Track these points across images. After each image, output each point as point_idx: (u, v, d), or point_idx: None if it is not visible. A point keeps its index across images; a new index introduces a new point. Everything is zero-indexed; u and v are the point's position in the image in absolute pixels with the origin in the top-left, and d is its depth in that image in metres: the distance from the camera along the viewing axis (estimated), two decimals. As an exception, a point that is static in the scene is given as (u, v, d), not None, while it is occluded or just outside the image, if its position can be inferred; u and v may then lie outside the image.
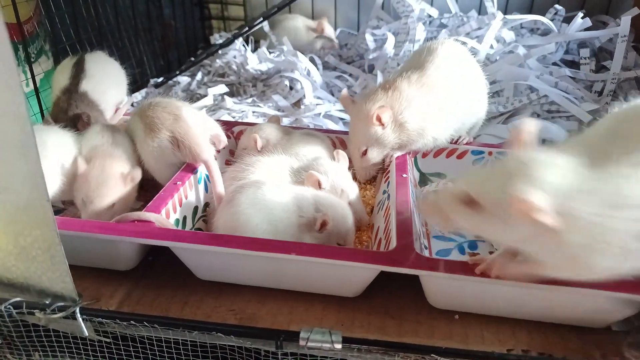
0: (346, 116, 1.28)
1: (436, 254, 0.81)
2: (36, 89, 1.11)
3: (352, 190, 0.82)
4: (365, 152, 0.88)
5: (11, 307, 0.62)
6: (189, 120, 0.86)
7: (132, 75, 1.21)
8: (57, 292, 0.62)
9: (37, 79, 1.31)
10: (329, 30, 1.79)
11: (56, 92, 1.04)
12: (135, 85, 1.36)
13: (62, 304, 0.61)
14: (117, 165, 0.81)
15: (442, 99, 0.88)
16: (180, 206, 0.76)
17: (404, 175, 0.82)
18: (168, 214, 0.72)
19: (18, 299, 0.62)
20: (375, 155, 0.89)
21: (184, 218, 0.77)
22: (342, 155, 0.86)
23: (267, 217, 0.69)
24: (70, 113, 1.00)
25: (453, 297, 0.65)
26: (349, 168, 0.87)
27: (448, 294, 0.65)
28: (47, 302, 0.62)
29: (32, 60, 1.36)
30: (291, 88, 1.42)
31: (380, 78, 1.33)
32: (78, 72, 1.05)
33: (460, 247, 0.84)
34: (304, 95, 1.35)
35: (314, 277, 0.66)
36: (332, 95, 1.40)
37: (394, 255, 0.62)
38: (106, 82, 1.08)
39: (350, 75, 1.48)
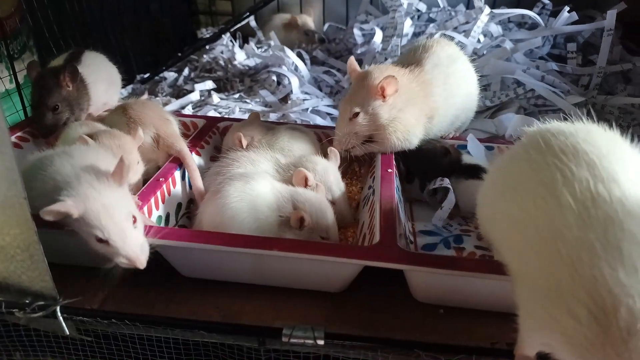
0: (334, 111, 1.27)
1: (422, 249, 0.81)
2: (18, 86, 1.10)
3: (339, 188, 0.82)
4: (356, 115, 0.85)
5: (-11, 308, 0.61)
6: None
7: (119, 70, 1.19)
8: (37, 291, 0.61)
9: (21, 75, 1.29)
10: (309, 24, 1.78)
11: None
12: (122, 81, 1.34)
13: (42, 303, 0.61)
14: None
15: (438, 99, 0.88)
16: (164, 203, 0.76)
17: (389, 170, 0.82)
18: (151, 210, 0.72)
19: (-4, 298, 0.61)
20: (363, 124, 0.85)
21: (167, 215, 0.76)
22: (334, 153, 0.86)
23: (254, 213, 0.68)
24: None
25: (437, 292, 0.65)
26: (339, 166, 0.87)
27: (432, 288, 0.65)
28: (27, 302, 0.61)
29: (16, 56, 1.34)
30: (279, 83, 1.41)
31: (367, 73, 1.33)
32: (73, 59, 1.03)
33: (445, 242, 0.85)
34: (292, 91, 1.35)
35: (298, 273, 0.66)
36: (320, 90, 1.39)
37: (377, 250, 0.62)
38: (99, 76, 1.06)
39: (339, 70, 1.48)
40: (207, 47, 1.65)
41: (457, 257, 0.64)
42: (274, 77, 1.42)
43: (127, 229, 0.58)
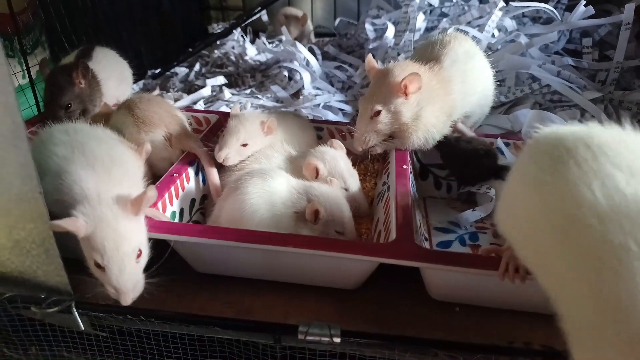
0: (346, 107, 1.26)
1: (437, 246, 0.80)
2: (31, 80, 1.10)
3: (351, 175, 0.81)
4: (377, 114, 0.83)
5: (6, 302, 0.61)
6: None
7: (130, 66, 1.19)
8: (52, 286, 0.61)
9: (33, 70, 1.29)
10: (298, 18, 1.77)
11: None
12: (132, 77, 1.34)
13: (57, 298, 0.61)
14: None
15: (457, 96, 0.87)
16: (177, 198, 0.75)
17: (404, 167, 0.81)
18: (165, 206, 0.71)
19: (13, 293, 0.61)
20: (385, 123, 0.83)
21: (181, 210, 0.76)
22: (337, 143, 0.85)
23: (272, 209, 0.68)
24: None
25: (454, 290, 0.64)
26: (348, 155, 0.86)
27: (449, 286, 0.64)
28: (43, 296, 0.61)
29: (28, 51, 1.35)
30: (290, 79, 1.40)
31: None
32: (84, 55, 1.03)
33: (461, 239, 0.84)
34: (303, 86, 1.34)
35: (312, 269, 0.65)
36: (332, 85, 1.38)
37: (393, 247, 0.61)
38: (111, 71, 1.06)
39: (350, 65, 1.47)
40: (218, 42, 1.64)
41: (475, 255, 0.63)
42: (286, 73, 1.41)
43: (128, 263, 0.56)
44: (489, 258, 0.61)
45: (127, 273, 0.56)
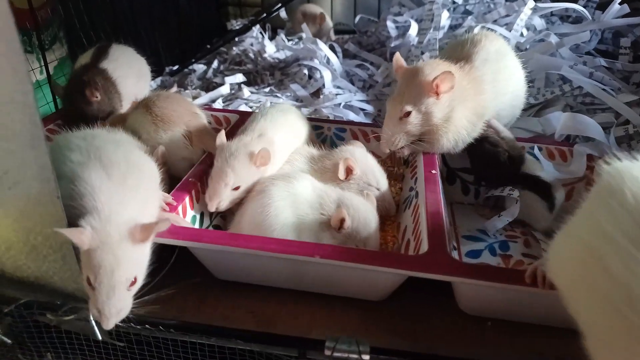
0: (367, 107, 1.23)
1: (466, 255, 0.77)
2: (49, 77, 1.08)
3: (382, 174, 0.79)
4: (407, 115, 0.79)
5: (22, 308, 0.59)
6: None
7: (147, 62, 1.17)
8: (69, 293, 0.59)
9: (51, 66, 1.28)
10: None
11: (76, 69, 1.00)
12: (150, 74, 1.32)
13: (74, 305, 0.58)
14: None
15: (488, 96, 0.83)
16: (198, 202, 0.73)
17: (433, 172, 0.77)
18: (185, 210, 0.69)
19: (29, 299, 0.59)
20: (414, 124, 0.79)
21: (202, 214, 0.73)
22: (358, 144, 0.83)
23: (296, 211, 0.66)
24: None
25: (488, 304, 0.61)
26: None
27: (482, 300, 0.60)
28: (59, 303, 0.59)
29: (46, 47, 1.33)
30: (310, 77, 1.37)
31: (403, 67, 1.28)
32: (100, 53, 1.01)
33: (490, 248, 0.80)
34: (324, 85, 1.31)
35: (338, 280, 0.62)
36: (352, 84, 1.35)
37: (426, 259, 0.58)
38: (128, 69, 1.04)
39: (372, 63, 1.43)
40: (236, 39, 1.61)
41: (513, 270, 0.59)
42: (305, 71, 1.38)
43: (119, 290, 0.53)
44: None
45: (114, 300, 0.53)
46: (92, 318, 0.58)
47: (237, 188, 0.70)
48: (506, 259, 0.77)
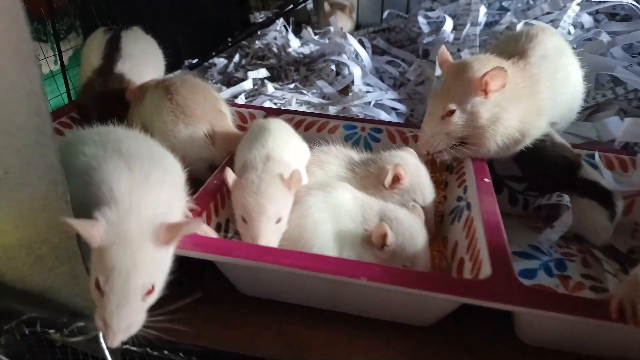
0: (399, 106, 1.14)
1: (519, 275, 0.67)
2: (63, 67, 1.01)
3: (431, 192, 0.70)
4: (450, 113, 0.71)
5: (23, 325, 0.52)
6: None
7: (166, 55, 1.10)
8: (77, 310, 0.52)
9: (66, 56, 1.22)
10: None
11: (87, 72, 0.93)
12: (168, 67, 1.25)
13: (82, 324, 0.51)
14: None
15: (545, 96, 0.74)
16: (223, 208, 0.65)
17: (486, 180, 0.69)
18: (209, 217, 0.61)
19: (32, 315, 0.52)
20: (459, 125, 0.71)
21: (227, 221, 0.65)
22: (410, 151, 0.73)
23: (336, 224, 0.58)
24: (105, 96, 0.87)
25: (557, 336, 0.53)
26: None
27: (552, 332, 0.52)
28: (66, 321, 0.52)
29: (62, 36, 1.27)
30: (337, 73, 1.29)
31: (438, 65, 1.19)
32: (112, 51, 0.93)
33: (546, 267, 0.71)
34: (352, 81, 1.22)
35: (383, 303, 0.55)
36: (382, 82, 1.26)
37: (492, 286, 0.49)
38: (144, 63, 0.97)
39: (403, 60, 1.34)
40: (259, 32, 1.54)
41: (595, 300, 0.51)
42: (333, 67, 1.30)
43: (132, 299, 0.44)
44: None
45: (125, 310, 0.44)
46: (100, 338, 0.50)
47: (279, 220, 0.58)
48: (564, 281, 0.68)
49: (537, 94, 0.74)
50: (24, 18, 0.38)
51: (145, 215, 0.46)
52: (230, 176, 0.60)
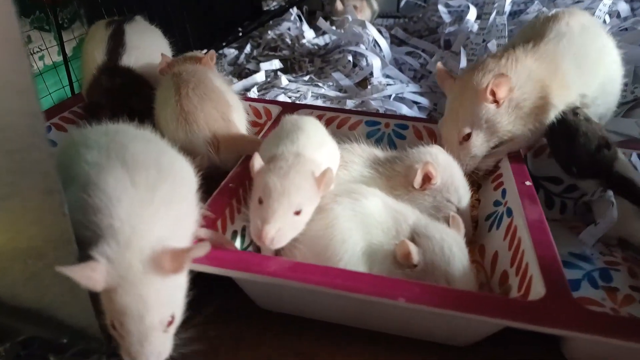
0: (422, 100, 1.08)
1: (563, 288, 0.62)
2: (65, 58, 0.95)
3: (467, 192, 0.63)
4: (467, 137, 0.68)
5: (19, 346, 0.47)
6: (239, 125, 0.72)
7: (174, 45, 1.04)
8: (78, 329, 0.46)
9: (70, 46, 1.16)
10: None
11: (90, 69, 0.87)
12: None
13: (85, 346, 0.46)
14: None
15: (566, 71, 0.69)
16: (240, 213, 0.59)
17: (527, 183, 0.62)
18: (225, 225, 0.55)
19: (29, 335, 0.47)
20: (479, 144, 0.68)
21: (243, 229, 0.59)
22: (439, 148, 0.67)
23: (365, 236, 0.51)
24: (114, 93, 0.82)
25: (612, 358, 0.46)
26: None
27: (607, 354, 0.46)
28: (66, 342, 0.46)
29: (65, 26, 1.21)
30: (355, 65, 1.22)
31: (463, 56, 1.12)
32: (116, 46, 0.88)
33: (590, 278, 0.65)
34: (371, 73, 1.16)
35: (418, 323, 0.49)
36: (402, 73, 1.19)
37: (547, 308, 0.43)
38: (149, 55, 0.91)
39: (423, 51, 1.27)
40: (271, 22, 1.47)
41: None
42: (350, 58, 1.23)
43: (154, 336, 0.40)
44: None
45: (150, 347, 0.40)
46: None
47: (298, 213, 0.51)
48: (611, 293, 0.62)
49: (557, 71, 0.69)
50: (11, 5, 0.32)
51: (148, 244, 0.41)
52: (257, 161, 0.53)
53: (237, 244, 0.57)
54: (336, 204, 0.52)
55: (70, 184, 0.45)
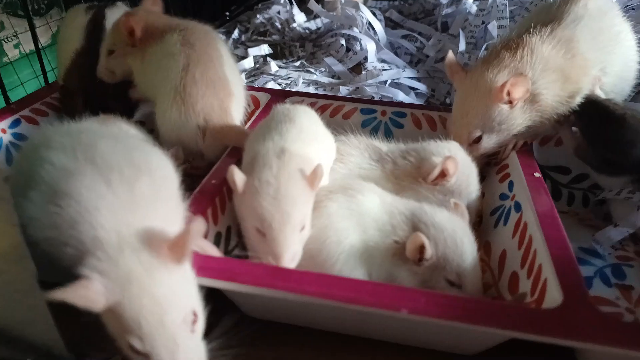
0: (419, 85, 1.02)
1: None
2: (37, 45, 0.89)
3: (477, 191, 0.59)
4: (478, 140, 0.64)
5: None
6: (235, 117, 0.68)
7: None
8: (43, 349, 0.41)
9: (47, 34, 1.10)
10: None
11: (68, 54, 0.81)
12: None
13: (50, 367, 0.41)
14: None
15: (584, 57, 0.64)
16: (224, 213, 0.54)
17: (537, 175, 0.58)
18: (206, 229, 0.50)
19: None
20: (490, 145, 0.64)
21: (228, 230, 0.54)
22: (455, 144, 0.62)
23: (362, 236, 0.47)
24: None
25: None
26: None
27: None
28: (31, 362, 0.42)
29: (42, 12, 1.15)
30: (348, 49, 1.16)
31: (462, 38, 1.07)
32: (96, 31, 0.82)
33: (602, 275, 0.61)
34: (365, 58, 1.10)
35: (423, 333, 0.44)
36: (398, 57, 1.14)
37: (566, 318, 0.38)
38: None
39: (420, 34, 1.21)
40: (260, 5, 1.41)
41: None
42: (342, 42, 1.17)
43: (181, 338, 0.35)
44: None
45: (182, 352, 0.35)
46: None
47: (303, 227, 0.46)
48: (626, 291, 0.58)
49: (576, 58, 0.64)
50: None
51: (141, 242, 0.36)
52: (238, 177, 0.48)
53: (221, 247, 0.52)
54: (331, 201, 0.47)
55: (30, 188, 0.39)
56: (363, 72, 1.05)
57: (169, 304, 0.35)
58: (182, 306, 0.36)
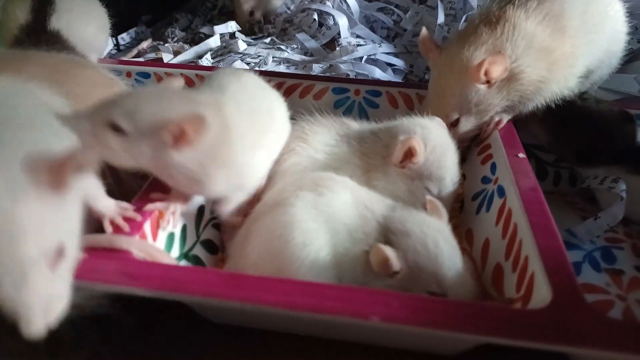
0: (396, 61, 0.97)
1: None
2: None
3: (453, 180, 0.53)
4: (456, 123, 0.59)
5: None
6: None
7: (118, 11, 0.90)
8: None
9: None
10: None
11: (11, 30, 0.75)
12: (122, 24, 1.05)
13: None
14: None
15: (573, 34, 0.58)
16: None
17: (521, 155, 0.53)
18: (155, 230, 0.44)
19: None
20: (469, 127, 0.60)
21: (183, 229, 0.49)
22: (438, 121, 0.57)
23: (332, 239, 0.41)
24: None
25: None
26: None
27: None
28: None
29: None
30: (321, 24, 1.10)
31: (441, 10, 1.01)
32: (43, 4, 0.76)
33: (591, 259, 0.57)
34: (339, 33, 1.04)
35: (399, 335, 0.40)
36: (374, 32, 1.08)
37: (555, 319, 0.34)
38: (84, 19, 0.80)
39: (397, 6, 1.15)
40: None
41: None
42: (315, 16, 1.10)
43: (33, 271, 0.30)
44: None
45: (30, 287, 0.30)
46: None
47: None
48: (616, 276, 0.54)
49: (564, 34, 0.59)
50: None
51: (12, 170, 0.31)
52: None
53: (176, 250, 0.47)
54: (298, 199, 0.42)
55: None
56: (337, 49, 0.99)
57: (25, 233, 0.30)
58: (43, 239, 0.31)
